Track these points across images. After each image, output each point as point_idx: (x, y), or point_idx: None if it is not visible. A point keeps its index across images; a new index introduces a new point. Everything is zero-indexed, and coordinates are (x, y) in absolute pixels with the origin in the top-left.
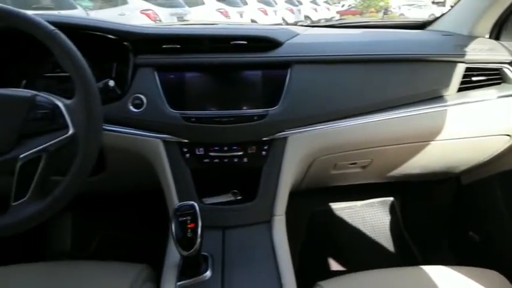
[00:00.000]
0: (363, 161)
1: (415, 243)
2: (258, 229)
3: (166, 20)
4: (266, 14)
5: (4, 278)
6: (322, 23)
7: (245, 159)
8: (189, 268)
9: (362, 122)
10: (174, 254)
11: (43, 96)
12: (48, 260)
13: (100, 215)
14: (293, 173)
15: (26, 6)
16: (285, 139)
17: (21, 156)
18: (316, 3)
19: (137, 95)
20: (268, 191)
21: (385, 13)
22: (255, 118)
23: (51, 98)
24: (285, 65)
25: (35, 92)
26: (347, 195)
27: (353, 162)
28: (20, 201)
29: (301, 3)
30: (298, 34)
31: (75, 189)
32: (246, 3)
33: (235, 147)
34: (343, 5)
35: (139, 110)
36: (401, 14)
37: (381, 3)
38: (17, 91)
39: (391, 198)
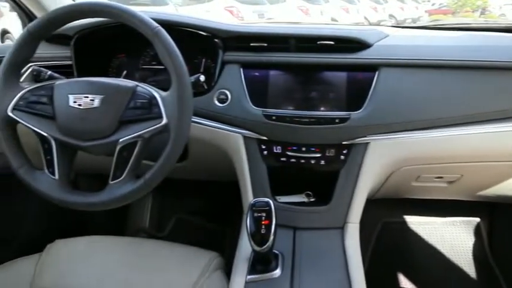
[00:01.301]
0: (450, 176)
1: (503, 273)
2: (330, 234)
3: (247, 17)
4: (348, 12)
5: (92, 246)
6: (409, 23)
7: (322, 162)
8: (260, 263)
9: (452, 134)
10: (245, 248)
11: (143, 87)
12: (127, 234)
13: (177, 200)
14: (372, 180)
15: (125, 2)
16: (366, 145)
17: (121, 140)
18: (402, 1)
19: (223, 90)
20: (344, 196)
21: (482, 13)
22: (337, 121)
23: (149, 89)
24: (373, 67)
25: (136, 83)
26: (424, 209)
27: (439, 176)
28: (116, 181)
29: (386, 1)
30: (388, 35)
31: (164, 174)
32: (327, 1)
33: (313, 149)
34: (433, 4)
35: (224, 105)
36: (502, 15)
37: (478, 2)
38: (122, 81)
39: (477, 219)
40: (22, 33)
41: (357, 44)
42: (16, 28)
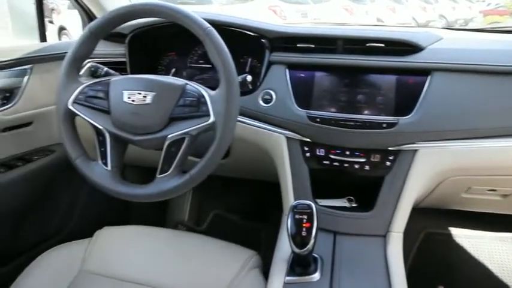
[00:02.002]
0: (505, 189)
1: None
2: (372, 242)
3: (290, 16)
4: (394, 11)
5: (138, 235)
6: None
7: (367, 167)
8: (299, 266)
9: (508, 145)
10: (284, 248)
11: (192, 85)
12: (167, 226)
13: (216, 196)
14: (418, 189)
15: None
16: (414, 152)
17: (169, 136)
18: (454, 1)
19: (268, 90)
20: (388, 204)
21: None
22: (384, 126)
23: (198, 87)
24: (425, 72)
25: (186, 81)
26: (472, 222)
27: (492, 188)
28: (163, 175)
29: (437, 1)
30: (441, 38)
31: (209, 171)
32: (373, 0)
33: (357, 153)
34: (488, 4)
35: (268, 105)
36: None
37: None
38: (173, 79)
39: None
40: (84, 32)
41: (408, 47)
42: (72, 25)
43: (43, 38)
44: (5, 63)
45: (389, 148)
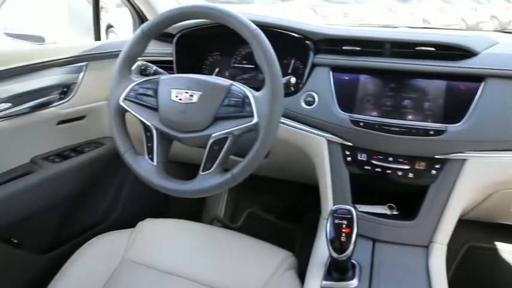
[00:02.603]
0: None
1: None
2: (414, 252)
3: (330, 16)
4: (442, 12)
5: (178, 228)
6: None
7: (410, 175)
8: (336, 271)
9: None
10: (322, 252)
11: (237, 86)
12: (203, 221)
13: (251, 195)
14: (465, 201)
15: (215, 1)
16: (462, 161)
17: (213, 135)
18: (508, 1)
19: (310, 92)
20: (432, 214)
21: None
22: (431, 133)
23: (243, 88)
24: (478, 78)
25: (231, 82)
26: None
27: None
28: (206, 172)
29: (489, 1)
30: (497, 43)
31: (251, 171)
32: (419, 0)
33: (401, 160)
34: None
35: (310, 108)
36: None
37: None
38: (219, 79)
39: None
40: (136, 32)
41: (461, 52)
42: (119, 23)
43: (98, 37)
44: (63, 61)
45: (436, 156)
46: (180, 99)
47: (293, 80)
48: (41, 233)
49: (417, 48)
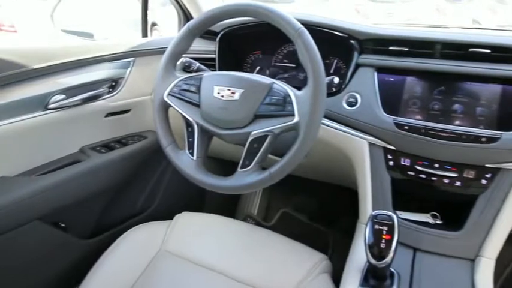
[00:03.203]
0: None
1: None
2: (457, 265)
3: (374, 16)
4: (495, 13)
5: (214, 223)
6: None
7: (458, 183)
8: (373, 277)
9: None
10: (359, 257)
11: (279, 84)
12: (236, 217)
13: (286, 194)
14: None
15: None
16: None
17: (253, 132)
18: None
19: (353, 93)
20: (480, 226)
21: None
22: (483, 140)
23: (285, 87)
24: None
25: (273, 80)
26: None
27: None
28: (244, 169)
29: None
30: None
31: (289, 170)
32: (470, 0)
33: (448, 167)
34: None
35: (352, 109)
36: None
37: None
38: (261, 77)
39: None
40: (183, 29)
41: None
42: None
43: (145, 33)
44: (113, 56)
45: (487, 165)
46: (222, 96)
47: (336, 80)
48: (86, 220)
49: (471, 49)
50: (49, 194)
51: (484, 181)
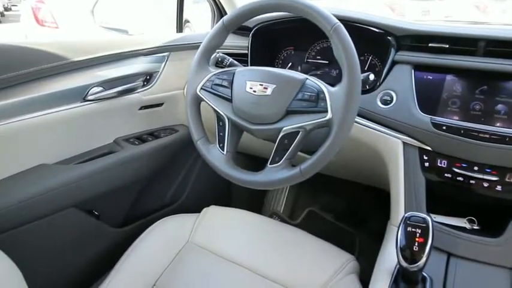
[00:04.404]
0: None
1: None
2: (495, 273)
3: (409, 13)
4: None
5: (242, 218)
6: None
7: (498, 187)
8: (404, 281)
9: None
10: (389, 259)
11: (312, 80)
12: (263, 214)
13: (312, 193)
14: None
15: None
16: None
17: (284, 128)
18: None
19: (388, 91)
20: None
21: None
22: None
23: (318, 83)
24: None
25: (306, 76)
26: None
27: None
28: (274, 165)
29: None
30: None
31: (320, 167)
32: None
33: (488, 170)
34: None
35: (387, 107)
36: None
37: None
38: (294, 73)
39: None
40: (217, 24)
41: None
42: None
43: (180, 29)
44: (149, 50)
45: None
46: (254, 91)
47: (372, 76)
48: (118, 209)
49: None
50: (85, 183)
51: None
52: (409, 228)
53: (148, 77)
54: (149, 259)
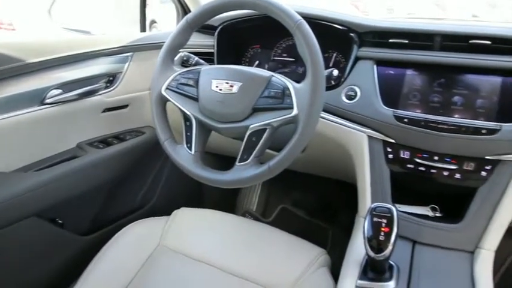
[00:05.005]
0: None
1: None
2: (457, 257)
3: (373, 12)
4: (495, 7)
5: (212, 218)
6: None
7: (457, 175)
8: (372, 270)
9: None
10: (358, 251)
11: (277, 77)
12: (235, 213)
13: (284, 190)
14: None
15: None
16: None
17: (252, 126)
18: None
19: (352, 86)
20: (480, 218)
21: None
22: (483, 132)
23: (283, 80)
24: None
25: (272, 73)
26: None
27: None
28: (242, 163)
29: None
30: None
31: (287, 163)
32: None
33: (448, 159)
34: None
35: (352, 102)
36: None
37: None
38: (259, 70)
39: None
40: (181, 23)
41: None
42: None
43: (143, 28)
44: (111, 50)
45: (487, 157)
46: (220, 90)
47: (335, 72)
48: (83, 216)
49: (471, 41)
50: (46, 190)
51: (483, 173)
52: (375, 219)
53: (111, 78)
54: (118, 265)
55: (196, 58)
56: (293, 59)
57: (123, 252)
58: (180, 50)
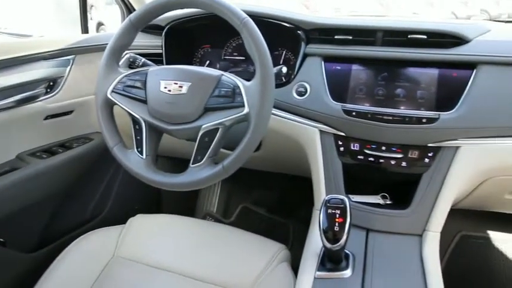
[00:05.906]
0: None
1: None
2: (407, 241)
3: (322, 11)
4: (432, 5)
5: (169, 223)
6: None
7: (403, 163)
8: (329, 261)
9: None
10: (315, 243)
11: (227, 76)
12: (196, 216)
13: (244, 189)
14: (458, 188)
15: None
16: (455, 149)
17: (204, 126)
18: None
19: (302, 83)
20: (425, 202)
21: None
22: (424, 121)
23: (233, 78)
24: (471, 65)
25: (221, 72)
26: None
27: None
28: (196, 165)
29: None
30: (489, 30)
31: (242, 162)
32: None
33: (394, 149)
34: None
35: (302, 98)
36: None
37: None
38: (209, 70)
39: None
40: (124, 22)
41: (453, 39)
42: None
43: (85, 30)
44: (50, 54)
45: (429, 144)
46: (169, 91)
47: (284, 69)
48: (28, 232)
49: (409, 36)
50: None
51: (426, 160)
52: (329, 211)
53: (51, 83)
54: (69, 281)
55: (144, 59)
56: (244, 58)
57: (74, 267)
58: (127, 52)
